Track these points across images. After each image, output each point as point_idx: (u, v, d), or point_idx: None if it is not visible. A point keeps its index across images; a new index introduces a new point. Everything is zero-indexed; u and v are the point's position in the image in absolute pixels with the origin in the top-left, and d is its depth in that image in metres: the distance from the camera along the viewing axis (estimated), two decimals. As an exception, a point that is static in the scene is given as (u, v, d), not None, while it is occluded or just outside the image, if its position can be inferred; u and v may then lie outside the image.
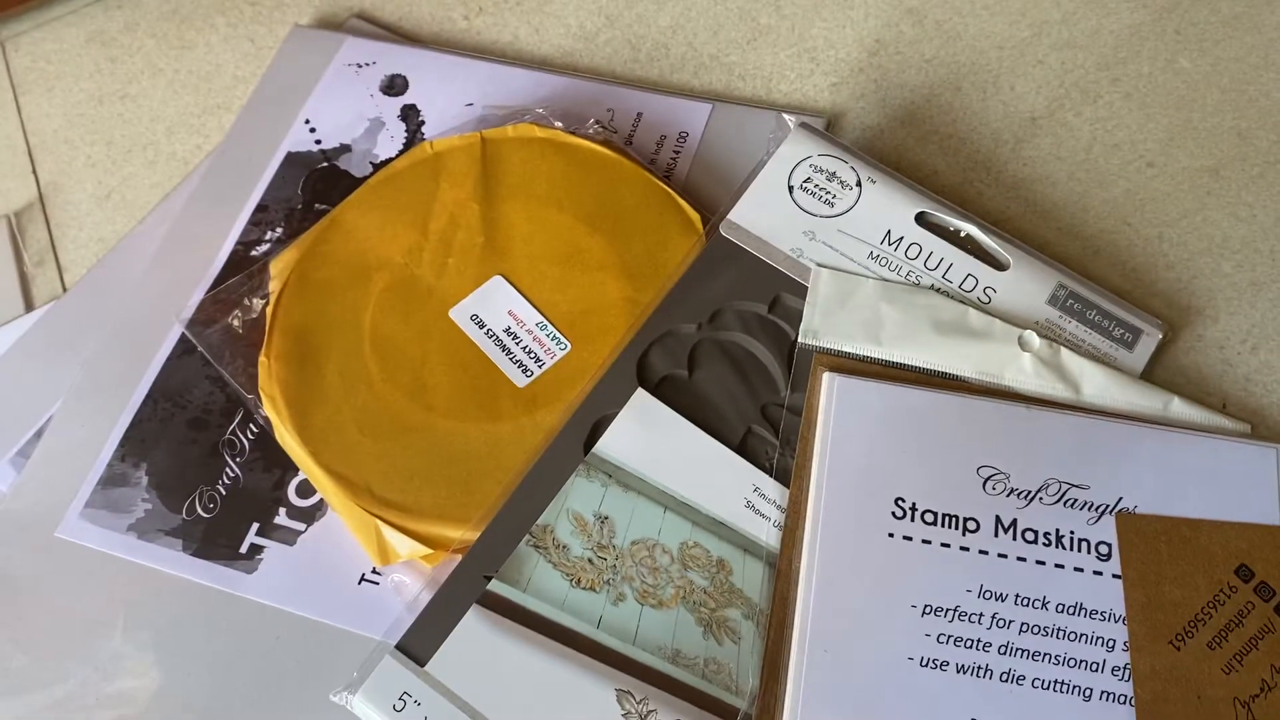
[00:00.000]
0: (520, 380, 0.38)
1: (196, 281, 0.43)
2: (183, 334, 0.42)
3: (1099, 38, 0.46)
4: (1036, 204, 0.42)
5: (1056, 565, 0.33)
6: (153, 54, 0.51)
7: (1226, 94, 0.44)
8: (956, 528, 0.33)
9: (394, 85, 0.47)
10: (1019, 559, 0.33)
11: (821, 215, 0.39)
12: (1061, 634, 0.32)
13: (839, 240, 0.38)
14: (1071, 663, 0.32)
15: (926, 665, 0.32)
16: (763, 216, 0.39)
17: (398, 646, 0.33)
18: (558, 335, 0.39)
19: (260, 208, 0.44)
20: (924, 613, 0.33)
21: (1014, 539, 0.33)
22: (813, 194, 0.39)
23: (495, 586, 0.34)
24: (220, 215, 0.44)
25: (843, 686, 0.32)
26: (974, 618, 0.32)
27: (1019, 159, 0.43)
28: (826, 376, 0.35)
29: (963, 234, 0.39)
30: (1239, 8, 0.46)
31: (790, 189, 0.39)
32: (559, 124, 0.43)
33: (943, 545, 0.33)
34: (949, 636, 0.32)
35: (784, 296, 0.38)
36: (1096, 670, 0.32)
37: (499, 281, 0.40)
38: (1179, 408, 0.36)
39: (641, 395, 0.36)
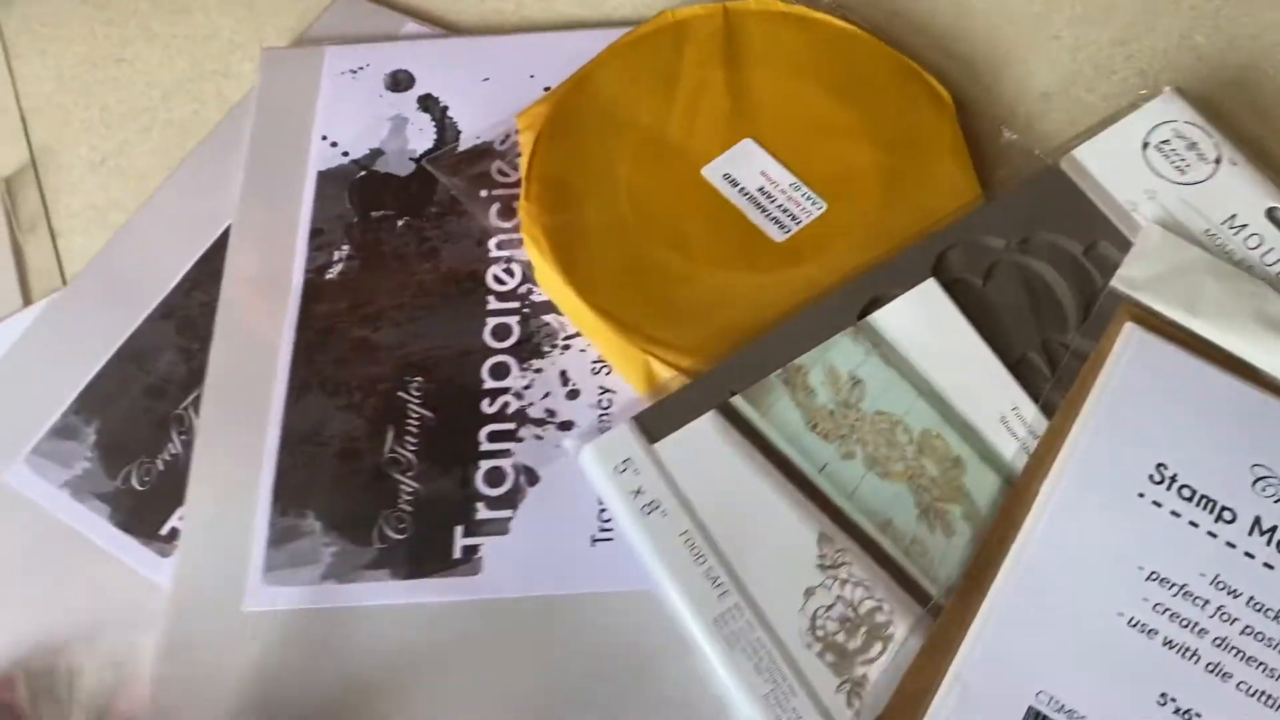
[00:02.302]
0: (778, 235, 0.39)
1: (279, 319, 0.41)
2: (290, 374, 0.39)
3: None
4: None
5: (1304, 587, 0.31)
6: (148, 17, 0.49)
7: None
8: (1211, 512, 0.32)
9: (398, 81, 0.46)
10: (1266, 565, 0.32)
11: (1168, 179, 0.37)
12: (1287, 651, 0.31)
13: (1179, 208, 0.37)
14: (1288, 682, 0.30)
15: (1134, 626, 0.31)
16: (1108, 162, 0.38)
17: (635, 419, 0.35)
18: (812, 195, 0.39)
19: (315, 232, 0.42)
20: (1149, 577, 0.32)
21: (1268, 544, 0.32)
22: (1166, 156, 0.38)
23: (737, 402, 0.35)
24: (276, 249, 0.42)
25: (1044, 615, 0.31)
26: (1200, 602, 0.31)
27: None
28: (1129, 326, 0.35)
29: (1312, 246, 0.37)
30: None
31: (1145, 145, 0.38)
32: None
33: (1191, 523, 0.32)
34: (1167, 609, 0.31)
35: (1102, 244, 0.37)
36: (1313, 699, 0.30)
37: (749, 144, 0.41)
38: None
39: (932, 285, 0.36)
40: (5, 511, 0.37)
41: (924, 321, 0.36)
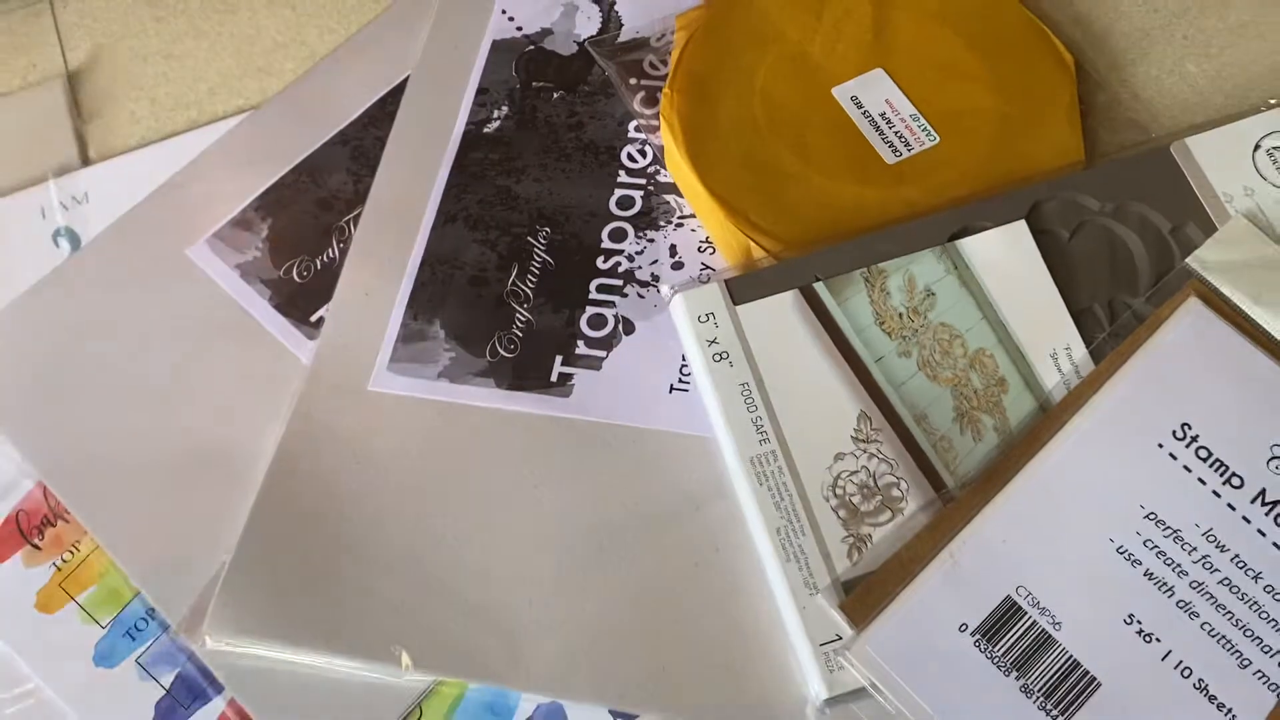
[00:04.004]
0: (889, 158, 0.43)
1: (438, 158, 0.46)
2: (440, 206, 0.45)
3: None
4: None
5: (1289, 559, 0.34)
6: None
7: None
8: (1222, 475, 0.35)
9: None
10: (1259, 532, 0.34)
11: (1270, 182, 0.40)
12: (1255, 607, 0.33)
13: (1272, 209, 0.39)
14: (1247, 632, 0.33)
15: (1121, 553, 0.34)
16: (1216, 155, 0.40)
17: (725, 281, 0.39)
18: (928, 128, 0.43)
19: (481, 90, 0.48)
20: (1147, 516, 0.35)
21: (1267, 515, 0.34)
22: (1275, 161, 0.40)
23: (819, 287, 0.39)
24: (444, 101, 0.47)
25: (1043, 523, 0.35)
26: (1188, 547, 0.34)
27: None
28: (1192, 300, 0.37)
29: (1393, 272, 0.38)
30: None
31: (1256, 146, 0.40)
32: None
33: (1199, 480, 0.35)
34: (1155, 546, 0.34)
35: (1190, 226, 0.40)
36: (1266, 652, 0.33)
37: (880, 73, 0.44)
38: None
39: (1022, 226, 0.40)
40: (185, 281, 0.44)
41: (1006, 256, 0.39)
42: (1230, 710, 0.33)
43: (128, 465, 0.41)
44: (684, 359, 0.40)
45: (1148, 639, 0.33)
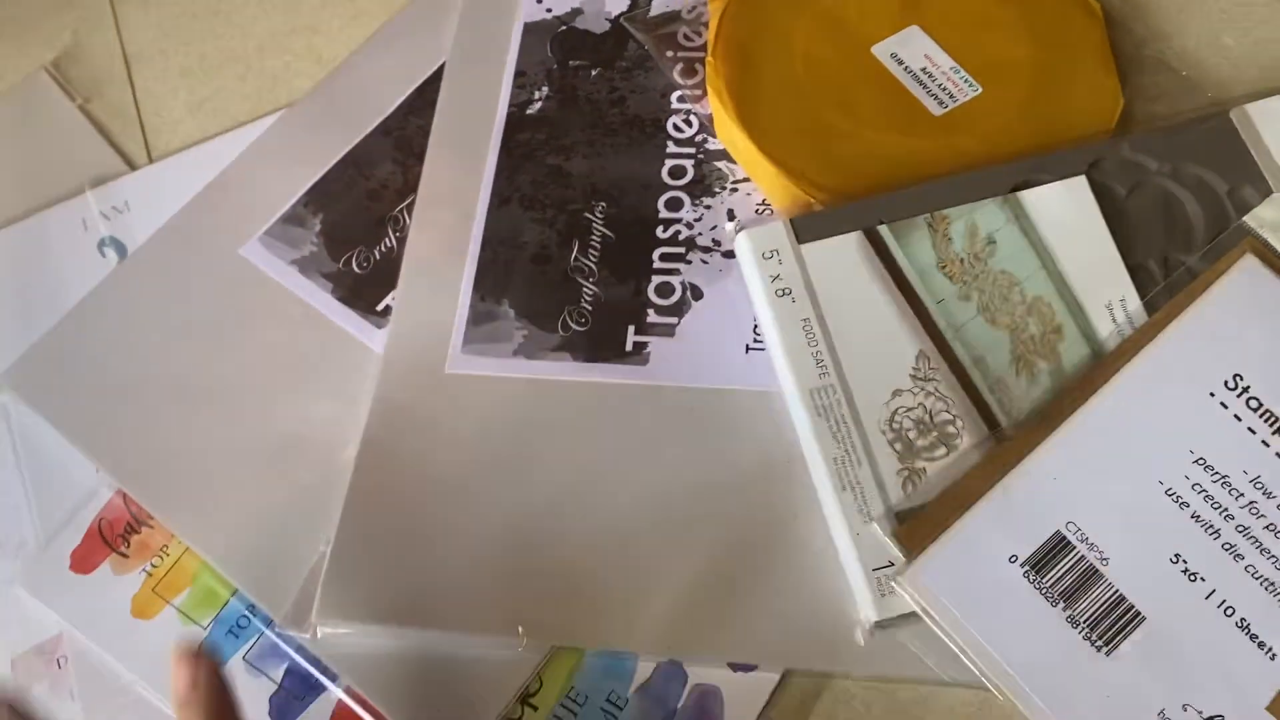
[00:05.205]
0: (936, 110, 0.43)
1: (485, 142, 0.47)
2: (493, 188, 0.45)
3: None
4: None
5: (1335, 508, 0.35)
6: None
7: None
8: (1272, 425, 0.36)
9: None
10: (1306, 481, 0.35)
11: (1329, 149, 0.41)
12: (1300, 553, 0.34)
13: (1330, 176, 0.40)
14: (1292, 576, 0.34)
15: (1170, 495, 0.35)
16: (1275, 121, 0.41)
17: (790, 220, 0.40)
18: (969, 79, 0.44)
19: (519, 73, 0.48)
20: (1196, 461, 0.36)
21: (1313, 465, 0.35)
22: (1334, 130, 0.41)
23: (883, 230, 0.40)
24: (483, 85, 0.48)
25: (1095, 463, 0.36)
26: (1235, 493, 0.35)
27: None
28: (1248, 256, 0.38)
29: None
30: None
31: (1317, 115, 0.41)
32: None
33: (1249, 429, 0.36)
34: (1204, 490, 0.35)
35: (1247, 189, 0.40)
36: (1310, 596, 0.34)
37: (916, 30, 0.45)
38: None
39: (1082, 181, 0.40)
40: (243, 279, 0.45)
41: (1065, 209, 0.40)
42: (1270, 649, 0.34)
43: (204, 464, 0.41)
44: (755, 319, 0.41)
45: (1192, 578, 0.34)
